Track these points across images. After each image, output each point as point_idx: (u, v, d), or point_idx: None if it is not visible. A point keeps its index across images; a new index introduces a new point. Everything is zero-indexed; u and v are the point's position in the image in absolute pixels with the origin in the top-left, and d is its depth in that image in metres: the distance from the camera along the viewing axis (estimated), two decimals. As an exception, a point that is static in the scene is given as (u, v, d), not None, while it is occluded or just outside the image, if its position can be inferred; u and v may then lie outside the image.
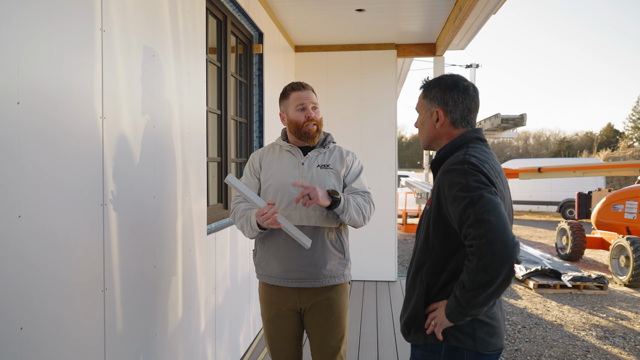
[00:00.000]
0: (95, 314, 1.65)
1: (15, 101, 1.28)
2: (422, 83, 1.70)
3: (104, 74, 1.70)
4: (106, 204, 1.71)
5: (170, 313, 2.25)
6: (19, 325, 1.30)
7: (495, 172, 1.51)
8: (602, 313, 6.05)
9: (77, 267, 1.55)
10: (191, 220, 2.51)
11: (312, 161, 2.17)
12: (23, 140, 1.31)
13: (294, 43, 5.76)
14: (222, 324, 3.03)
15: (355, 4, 4.36)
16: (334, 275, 2.13)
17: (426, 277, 1.56)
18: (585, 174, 9.26)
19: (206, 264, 2.75)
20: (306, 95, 2.16)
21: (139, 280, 1.95)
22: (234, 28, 3.63)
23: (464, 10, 3.96)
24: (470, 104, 1.61)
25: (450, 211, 1.45)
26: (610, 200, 8.56)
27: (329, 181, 2.13)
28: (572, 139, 45.11)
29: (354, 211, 2.06)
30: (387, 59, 5.75)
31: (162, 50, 2.17)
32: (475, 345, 1.50)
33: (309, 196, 1.95)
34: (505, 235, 1.31)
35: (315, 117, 2.16)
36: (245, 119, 4.03)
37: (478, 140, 1.60)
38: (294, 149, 2.19)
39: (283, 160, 2.19)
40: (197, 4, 2.62)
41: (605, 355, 4.72)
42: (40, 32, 1.38)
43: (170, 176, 2.26)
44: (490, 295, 1.36)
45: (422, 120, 1.69)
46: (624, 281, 7.33)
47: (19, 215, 1.29)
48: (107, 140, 1.72)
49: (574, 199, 15.70)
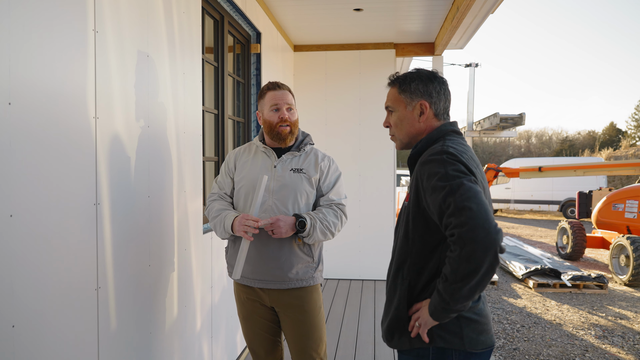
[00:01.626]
0: (88, 313, 1.66)
1: (7, 101, 1.30)
2: (391, 79, 1.65)
3: (97, 74, 1.71)
4: (99, 203, 1.72)
5: (166, 312, 2.26)
6: (11, 323, 1.31)
7: (474, 162, 1.47)
8: (602, 312, 6.05)
9: (70, 266, 1.56)
10: (187, 220, 2.52)
11: (286, 164, 2.16)
12: (15, 140, 1.32)
13: (293, 42, 5.77)
14: (218, 322, 3.05)
15: (353, 3, 4.37)
16: (301, 279, 2.13)
17: (407, 277, 1.50)
18: (586, 173, 9.24)
19: (202, 263, 2.76)
20: (281, 95, 2.14)
21: (133, 279, 1.96)
22: (231, 28, 3.64)
23: (461, 10, 3.97)
24: (448, 96, 1.60)
25: (429, 202, 1.40)
26: (610, 199, 8.55)
27: (300, 186, 2.12)
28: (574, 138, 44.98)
29: (319, 234, 2.06)
30: (386, 58, 5.76)
31: (156, 51, 2.19)
32: (464, 344, 1.43)
33: (272, 231, 1.98)
34: (487, 222, 1.26)
35: (289, 118, 2.14)
36: (243, 119, 4.05)
37: (454, 133, 1.57)
38: (269, 150, 2.18)
39: (257, 162, 2.18)
40: (192, 4, 2.63)
41: (604, 354, 4.71)
42: (32, 32, 1.40)
43: (165, 175, 2.27)
44: (475, 287, 1.30)
45: (400, 117, 1.61)
46: (624, 280, 7.32)
47: (11, 215, 1.31)
48: (100, 140, 1.73)
49: (575, 199, 15.68)
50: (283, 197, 2.10)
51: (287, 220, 2.00)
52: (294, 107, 2.19)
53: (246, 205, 2.14)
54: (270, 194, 2.12)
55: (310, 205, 2.16)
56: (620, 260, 7.58)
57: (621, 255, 7.56)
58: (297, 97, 5.85)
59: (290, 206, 2.10)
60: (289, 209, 2.10)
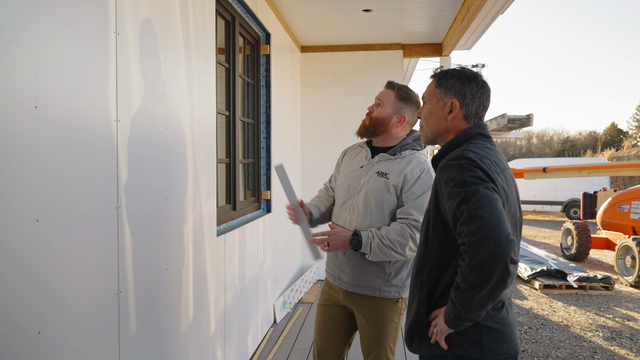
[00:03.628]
0: (110, 317, 1.64)
1: (34, 105, 1.28)
2: (434, 72, 1.61)
3: (118, 76, 1.69)
4: (120, 207, 1.70)
5: (182, 315, 2.25)
6: (37, 329, 1.30)
7: (497, 168, 1.42)
8: (609, 314, 6.03)
9: (92, 271, 1.55)
10: (201, 222, 2.51)
11: (374, 166, 2.09)
12: (41, 144, 1.31)
13: (300, 43, 5.75)
14: (231, 325, 3.03)
15: (362, 4, 4.35)
16: (367, 287, 2.06)
17: (427, 281, 1.48)
18: (591, 174, 9.22)
19: (216, 265, 2.75)
20: (382, 92, 2.15)
21: (151, 282, 1.95)
22: (242, 29, 3.62)
23: (472, 11, 3.95)
24: (485, 101, 1.55)
25: (446, 209, 1.38)
26: (616, 200, 8.53)
27: (378, 191, 2.02)
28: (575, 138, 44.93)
29: (379, 253, 1.95)
30: (394, 59, 5.74)
31: (173, 52, 2.17)
32: (483, 353, 1.40)
33: (328, 243, 1.98)
34: (498, 232, 1.23)
35: (371, 110, 2.11)
36: (253, 120, 4.03)
37: (481, 136, 1.51)
38: (366, 148, 2.17)
39: (357, 159, 2.19)
40: (207, 6, 2.62)
41: (613, 356, 4.70)
42: (57, 34, 1.38)
43: (182, 178, 2.26)
44: (486, 297, 1.27)
45: (430, 110, 1.58)
46: (630, 282, 7.30)
47: (37, 220, 1.29)
48: (121, 143, 1.72)
49: (578, 199, 15.66)
50: (360, 200, 2.06)
51: (342, 235, 1.98)
52: (385, 102, 2.10)
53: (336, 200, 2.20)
54: (352, 195, 2.11)
55: (387, 213, 2.03)
56: (626, 261, 7.56)
57: (627, 256, 7.54)
58: (304, 98, 5.84)
59: (363, 210, 2.04)
60: (363, 213, 2.04)
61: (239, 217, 3.48)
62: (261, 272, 3.84)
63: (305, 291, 5.13)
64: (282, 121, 4.64)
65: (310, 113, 5.83)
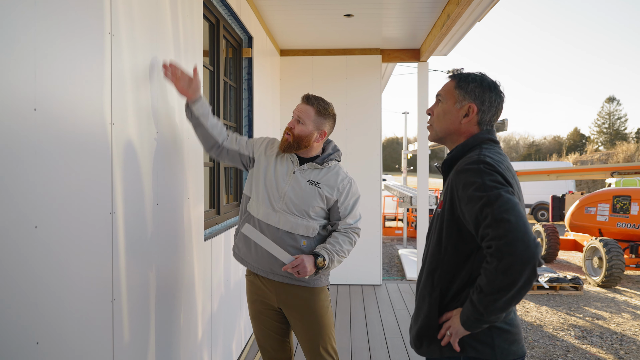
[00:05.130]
0: (104, 326, 1.60)
1: (32, 107, 1.24)
2: (454, 72, 1.60)
3: (112, 77, 1.65)
4: (114, 212, 1.66)
5: (172, 322, 2.21)
6: (35, 340, 1.25)
7: (510, 173, 1.45)
8: (579, 313, 6.23)
9: (88, 279, 1.50)
10: (190, 227, 2.47)
11: (305, 173, 2.19)
12: (40, 149, 1.26)
13: (279, 47, 5.74)
14: (217, 331, 2.99)
15: (344, 9, 4.38)
16: (304, 280, 2.18)
17: (439, 284, 1.49)
18: (559, 177, 9.53)
19: (203, 270, 2.71)
20: (300, 107, 2.22)
21: (143, 289, 1.90)
22: (225, 32, 3.59)
23: (452, 18, 4.03)
24: (499, 110, 1.57)
25: (465, 212, 1.39)
26: (583, 203, 8.83)
27: (312, 199, 2.16)
28: (540, 142, 46.32)
29: (335, 264, 2.15)
30: (373, 63, 5.79)
31: (164, 54, 2.13)
32: (495, 354, 1.42)
33: (298, 272, 2.05)
34: (526, 235, 1.25)
35: (292, 126, 2.18)
36: (235, 124, 4.00)
37: (491, 142, 1.54)
38: (294, 156, 2.23)
39: (282, 164, 2.23)
40: (195, 8, 2.59)
41: (585, 354, 4.85)
42: (56, 35, 1.34)
43: (171, 182, 2.22)
44: (510, 300, 1.29)
45: (445, 110, 1.57)
46: (598, 282, 7.56)
47: (36, 226, 1.25)
48: (116, 147, 1.67)
49: (545, 202, 16.15)
50: (292, 204, 2.15)
51: (309, 260, 2.07)
52: (305, 120, 2.17)
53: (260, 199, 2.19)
54: (282, 197, 2.16)
55: (318, 215, 2.20)
56: (594, 262, 7.83)
57: (594, 257, 7.81)
58: (284, 101, 5.83)
59: (298, 212, 2.15)
60: (295, 217, 2.15)
61: (223, 221, 3.44)
62: (244, 277, 3.80)
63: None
64: (263, 125, 4.62)
65: (289, 117, 5.82)
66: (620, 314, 6.25)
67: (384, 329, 4.32)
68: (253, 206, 2.22)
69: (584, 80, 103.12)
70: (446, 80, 1.61)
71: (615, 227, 8.17)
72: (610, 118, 44.02)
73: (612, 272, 7.32)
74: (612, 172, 8.77)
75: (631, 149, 31.64)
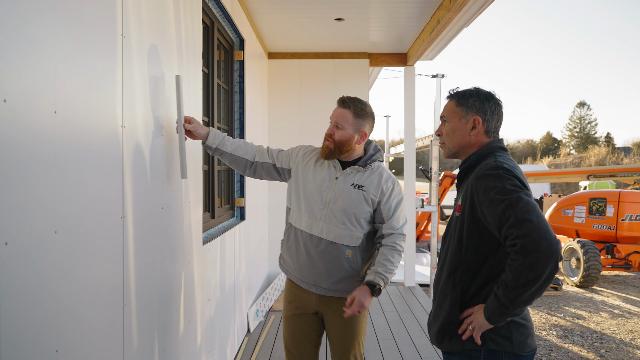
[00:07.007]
0: (115, 332, 1.57)
1: (53, 110, 1.21)
2: (451, 92, 1.74)
3: (124, 79, 1.63)
4: (125, 216, 1.63)
5: (174, 327, 2.18)
6: (55, 348, 1.22)
7: (524, 178, 1.57)
8: (560, 313, 6.38)
9: (102, 285, 1.47)
10: (190, 231, 2.44)
11: (348, 177, 2.15)
12: (60, 152, 1.23)
13: (268, 50, 5.73)
14: (214, 335, 2.96)
15: (335, 13, 4.41)
16: (344, 290, 2.15)
17: (460, 283, 1.59)
18: (537, 181, 9.75)
19: (201, 275, 2.68)
20: (337, 112, 2.16)
21: (149, 295, 1.88)
22: (219, 34, 3.57)
23: (442, 23, 4.09)
24: (501, 117, 1.71)
25: (486, 214, 1.49)
26: (560, 205, 9.06)
27: (357, 202, 2.11)
28: (514, 146, 47.30)
29: (388, 281, 2.11)
30: (360, 67, 5.83)
31: (168, 57, 2.11)
32: (513, 347, 1.54)
33: (359, 310, 2.00)
34: (548, 233, 1.37)
35: (332, 133, 2.14)
36: (227, 126, 3.97)
37: (502, 150, 1.67)
38: (335, 160, 2.18)
39: (322, 170, 2.18)
40: (195, 9, 2.57)
41: (567, 353, 4.97)
42: (74, 34, 1.31)
43: (175, 186, 2.19)
44: (534, 293, 1.39)
45: (453, 128, 1.70)
46: (576, 282, 7.76)
47: (55, 231, 1.22)
48: (127, 150, 1.65)
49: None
50: (338, 210, 2.11)
51: (363, 294, 2.01)
52: (344, 125, 2.12)
53: (302, 210, 2.16)
54: (327, 205, 2.12)
55: (364, 221, 2.15)
56: (572, 263, 8.04)
57: (572, 258, 8.01)
58: (272, 104, 5.81)
59: (342, 221, 2.11)
60: (339, 226, 2.10)
61: (217, 225, 3.41)
62: (237, 281, 3.78)
63: (275, 299, 5.09)
64: (254, 128, 4.61)
65: (278, 119, 5.81)
66: (598, 313, 6.43)
67: (376, 331, 4.34)
68: (294, 217, 2.20)
69: (558, 82, 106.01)
70: (445, 101, 1.75)
71: (591, 229, 8.40)
72: (581, 122, 45.30)
73: (590, 273, 7.52)
74: (588, 175, 9.02)
75: (602, 152, 32.67)
